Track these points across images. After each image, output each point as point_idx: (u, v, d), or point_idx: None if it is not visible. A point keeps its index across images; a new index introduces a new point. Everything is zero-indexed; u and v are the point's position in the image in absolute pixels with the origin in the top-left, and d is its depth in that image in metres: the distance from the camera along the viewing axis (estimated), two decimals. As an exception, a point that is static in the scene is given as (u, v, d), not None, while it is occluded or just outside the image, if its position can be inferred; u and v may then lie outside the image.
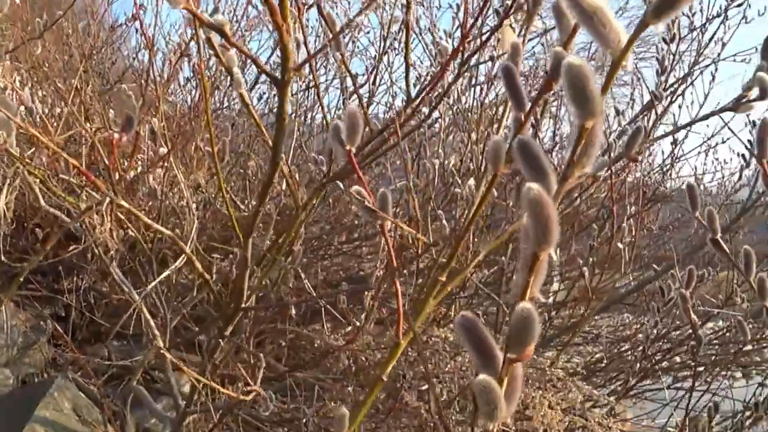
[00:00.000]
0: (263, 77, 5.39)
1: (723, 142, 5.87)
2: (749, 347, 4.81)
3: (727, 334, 4.89)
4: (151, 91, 3.56)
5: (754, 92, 1.37)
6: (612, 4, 1.62)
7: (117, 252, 2.91)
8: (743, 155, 5.12)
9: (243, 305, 2.08)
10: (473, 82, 4.69)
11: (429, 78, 3.61)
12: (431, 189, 3.33)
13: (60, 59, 5.43)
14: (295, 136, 3.68)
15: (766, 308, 1.64)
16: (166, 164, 3.16)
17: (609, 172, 2.62)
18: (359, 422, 1.38)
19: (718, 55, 5.26)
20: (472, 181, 2.93)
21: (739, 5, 5.03)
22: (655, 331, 3.77)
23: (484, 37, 2.35)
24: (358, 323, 2.88)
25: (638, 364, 4.03)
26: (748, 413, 3.17)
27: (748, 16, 5.11)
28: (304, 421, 2.89)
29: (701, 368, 4.80)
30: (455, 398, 2.75)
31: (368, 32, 5.20)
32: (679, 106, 5.25)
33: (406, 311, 1.33)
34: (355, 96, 3.13)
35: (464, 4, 2.13)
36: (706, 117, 1.79)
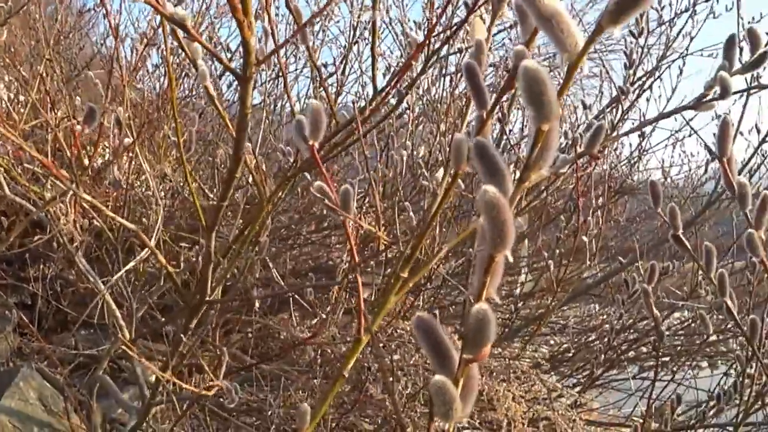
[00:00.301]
0: (234, 60, 5.35)
1: (690, 135, 5.92)
2: (714, 338, 4.87)
3: (693, 324, 4.95)
4: (117, 77, 3.52)
5: (716, 91, 1.38)
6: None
7: (82, 243, 2.89)
8: (709, 149, 5.16)
9: (208, 298, 2.07)
10: (443, 72, 4.69)
11: (398, 68, 3.60)
12: (399, 181, 3.32)
13: (27, 44, 5.36)
14: (263, 126, 3.66)
15: (726, 304, 1.66)
16: (131, 154, 3.13)
17: (575, 165, 2.64)
18: (321, 416, 1.37)
19: (686, 49, 5.31)
20: (440, 173, 2.93)
21: (707, 0, 5.07)
22: (619, 323, 3.80)
23: (453, 29, 2.35)
24: (324, 315, 2.88)
25: (603, 355, 4.06)
26: (712, 403, 3.21)
27: (716, 11, 5.15)
28: (269, 412, 2.89)
29: (667, 358, 4.85)
30: (420, 391, 2.75)
31: (338, 21, 5.18)
32: (647, 100, 5.29)
33: (368, 307, 1.33)
34: (326, 84, 3.11)
35: (431, 1, 2.13)
36: (668, 115, 1.80)
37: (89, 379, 3.32)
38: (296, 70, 5.48)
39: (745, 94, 4.53)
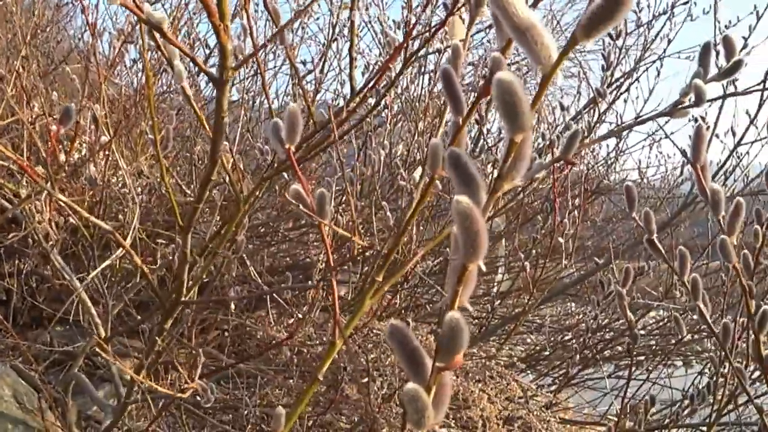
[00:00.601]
0: (213, 56, 5.33)
1: (666, 136, 5.96)
2: (689, 337, 4.91)
3: (668, 324, 4.98)
4: (95, 73, 3.50)
5: (690, 98, 1.40)
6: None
7: (58, 240, 2.87)
8: (684, 154, 5.20)
9: (183, 299, 2.06)
10: (422, 70, 4.69)
11: (377, 67, 3.61)
12: (376, 179, 3.33)
13: (3, 37, 5.31)
14: (241, 122, 3.64)
15: (699, 308, 1.67)
16: (107, 152, 3.11)
17: (551, 167, 2.65)
18: (296, 417, 1.38)
19: (664, 51, 5.35)
20: (418, 172, 2.93)
21: (685, 3, 5.11)
22: (595, 323, 3.83)
23: (432, 30, 2.35)
24: (300, 315, 2.88)
25: (579, 354, 4.09)
26: (686, 403, 3.24)
27: (694, 14, 5.19)
28: (245, 412, 2.88)
29: (642, 358, 4.88)
30: (395, 392, 2.76)
31: (318, 18, 5.17)
32: (624, 101, 5.32)
33: (344, 306, 1.33)
34: (304, 83, 3.11)
35: (409, 2, 2.13)
36: (643, 121, 1.82)
37: (64, 376, 3.30)
38: (275, 67, 5.46)
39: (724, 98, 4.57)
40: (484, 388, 2.87)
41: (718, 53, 1.50)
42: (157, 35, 1.31)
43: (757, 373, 2.82)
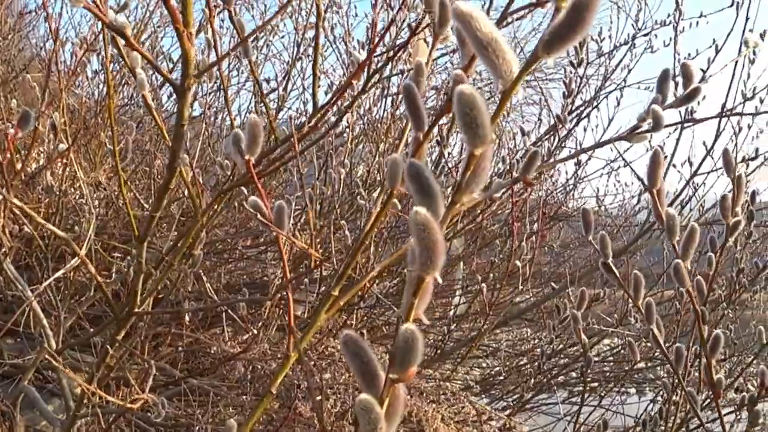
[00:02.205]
0: (176, 70, 5.30)
1: (624, 165, 6.04)
2: (642, 364, 4.96)
3: (622, 351, 5.03)
4: (55, 82, 3.47)
5: (648, 123, 1.41)
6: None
7: (11, 249, 2.82)
8: (641, 179, 5.28)
9: (137, 310, 2.04)
10: (385, 93, 4.71)
11: (340, 86, 3.61)
12: (336, 199, 3.33)
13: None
14: (202, 138, 3.63)
15: (652, 332, 1.69)
16: (66, 160, 3.08)
17: (510, 191, 2.67)
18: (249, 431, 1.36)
19: (624, 80, 5.44)
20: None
21: (646, 35, 5.20)
22: (550, 348, 3.85)
23: (395, 50, 2.36)
24: (255, 331, 2.86)
25: (533, 379, 4.10)
26: (638, 429, 3.26)
27: (654, 45, 5.29)
28: (197, 428, 2.85)
29: (596, 384, 4.92)
30: (349, 410, 2.75)
31: (283, 37, 5.17)
32: (585, 129, 5.40)
33: (300, 324, 1.33)
34: (267, 100, 3.10)
35: (374, 22, 2.14)
36: (601, 145, 1.84)
37: (13, 389, 3.24)
38: (239, 83, 5.46)
39: (679, 127, 4.65)
40: (438, 408, 2.87)
41: (677, 84, 1.53)
42: (120, 42, 1.30)
43: (708, 400, 2.85)
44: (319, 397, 2.72)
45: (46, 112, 3.14)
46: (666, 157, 4.98)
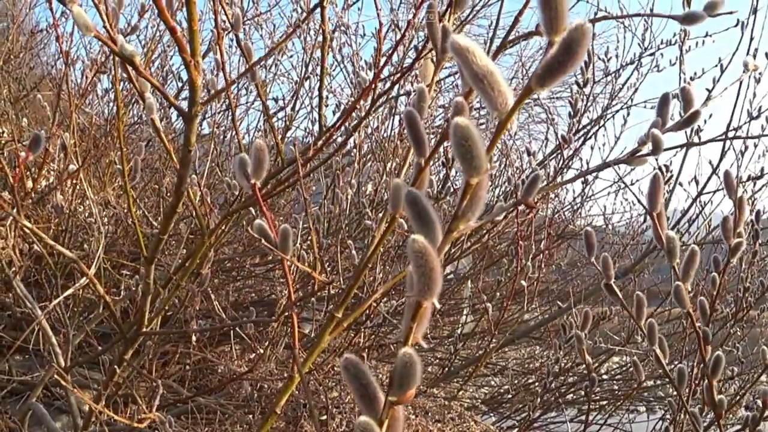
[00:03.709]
0: (186, 90, 5.34)
1: (632, 183, 6.05)
2: (650, 383, 4.95)
3: (630, 369, 5.02)
4: (66, 101, 3.50)
5: (648, 147, 1.43)
6: None
7: (21, 267, 2.85)
8: (642, 203, 5.29)
9: (144, 329, 2.06)
10: (393, 111, 4.73)
11: (347, 107, 3.64)
12: (343, 218, 3.35)
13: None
14: (210, 156, 3.66)
15: (655, 353, 1.70)
16: (75, 181, 3.11)
17: (515, 211, 2.68)
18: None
19: (631, 99, 5.45)
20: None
21: (651, 54, 5.22)
22: (556, 367, 3.84)
23: (402, 72, 2.38)
24: (262, 350, 2.87)
25: (540, 398, 4.10)
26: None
27: (661, 65, 5.30)
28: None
29: (604, 402, 4.91)
30: (354, 429, 2.74)
31: (291, 56, 5.20)
32: (591, 148, 5.42)
33: (307, 343, 1.34)
34: (274, 119, 3.12)
35: (378, 48, 2.16)
36: (603, 168, 1.86)
37: (22, 406, 3.26)
38: (247, 102, 5.49)
39: (685, 147, 4.66)
40: (443, 428, 2.87)
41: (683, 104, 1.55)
42: (130, 68, 1.33)
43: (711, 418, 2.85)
44: (324, 417, 2.72)
45: (57, 131, 3.17)
46: (672, 175, 4.99)
